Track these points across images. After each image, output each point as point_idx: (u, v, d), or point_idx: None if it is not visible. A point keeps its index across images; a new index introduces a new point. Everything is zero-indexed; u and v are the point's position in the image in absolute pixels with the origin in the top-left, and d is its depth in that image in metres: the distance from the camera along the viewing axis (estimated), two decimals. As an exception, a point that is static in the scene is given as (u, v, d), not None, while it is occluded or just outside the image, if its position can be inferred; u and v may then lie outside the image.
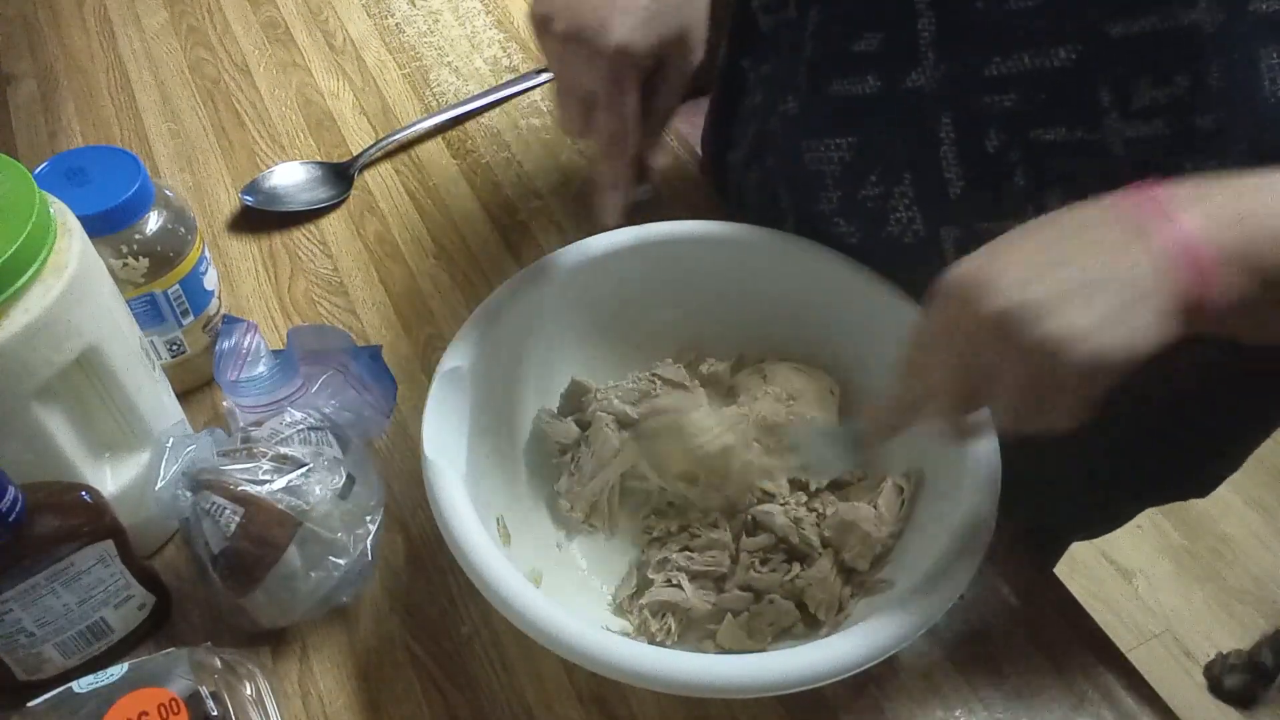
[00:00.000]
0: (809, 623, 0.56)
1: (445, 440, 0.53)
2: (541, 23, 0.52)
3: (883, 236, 0.62)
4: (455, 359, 0.56)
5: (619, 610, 0.58)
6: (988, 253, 0.43)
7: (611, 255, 0.62)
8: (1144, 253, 0.40)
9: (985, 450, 0.52)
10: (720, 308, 0.65)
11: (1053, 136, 0.55)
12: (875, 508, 0.58)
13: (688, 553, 0.57)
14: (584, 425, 0.63)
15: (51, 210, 0.50)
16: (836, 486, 0.61)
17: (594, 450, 0.60)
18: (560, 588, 0.57)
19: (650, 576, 0.57)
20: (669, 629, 0.55)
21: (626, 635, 0.55)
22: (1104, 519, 0.88)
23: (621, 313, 0.61)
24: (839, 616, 0.55)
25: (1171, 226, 0.40)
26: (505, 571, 0.48)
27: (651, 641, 0.55)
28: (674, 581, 0.56)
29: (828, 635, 0.54)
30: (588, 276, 0.62)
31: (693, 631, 0.56)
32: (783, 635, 0.56)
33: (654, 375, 0.63)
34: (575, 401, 0.64)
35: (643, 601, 0.56)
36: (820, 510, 0.58)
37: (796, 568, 0.57)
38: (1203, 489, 0.79)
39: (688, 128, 0.91)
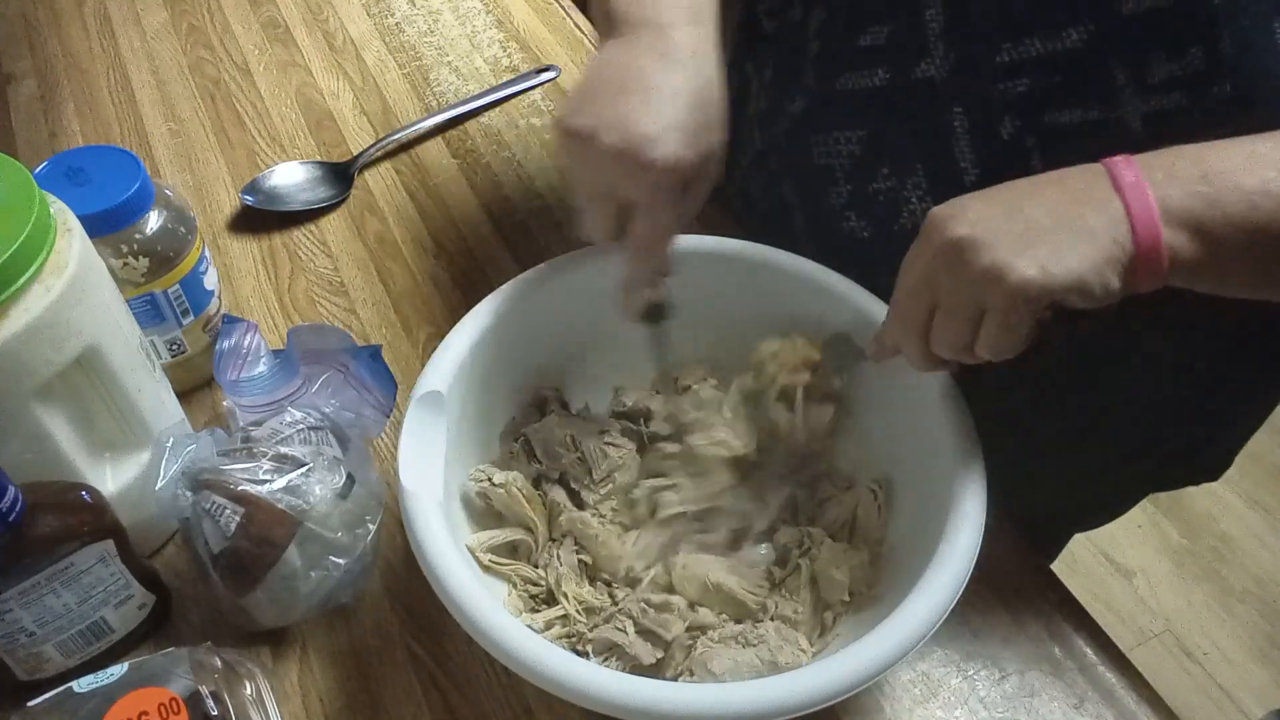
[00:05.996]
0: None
1: (422, 468, 0.52)
2: (587, 135, 0.51)
3: (895, 229, 0.62)
4: (431, 382, 0.55)
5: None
6: (963, 198, 0.48)
7: (594, 270, 0.61)
8: (1092, 206, 0.44)
9: (970, 456, 0.51)
10: (702, 321, 0.63)
11: (1069, 119, 0.55)
12: (855, 517, 0.58)
13: (643, 605, 0.55)
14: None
15: (51, 210, 0.50)
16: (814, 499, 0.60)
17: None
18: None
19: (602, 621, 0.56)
20: (614, 670, 0.54)
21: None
22: (1106, 507, 0.87)
23: (602, 325, 0.60)
24: (823, 640, 0.54)
25: (1122, 188, 0.44)
26: (486, 605, 0.47)
27: None
28: (620, 626, 0.55)
29: (817, 655, 0.53)
30: (568, 290, 0.61)
31: None
32: (772, 666, 0.54)
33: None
34: (539, 410, 0.64)
35: (589, 636, 0.55)
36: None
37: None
38: (1214, 471, 0.77)
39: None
